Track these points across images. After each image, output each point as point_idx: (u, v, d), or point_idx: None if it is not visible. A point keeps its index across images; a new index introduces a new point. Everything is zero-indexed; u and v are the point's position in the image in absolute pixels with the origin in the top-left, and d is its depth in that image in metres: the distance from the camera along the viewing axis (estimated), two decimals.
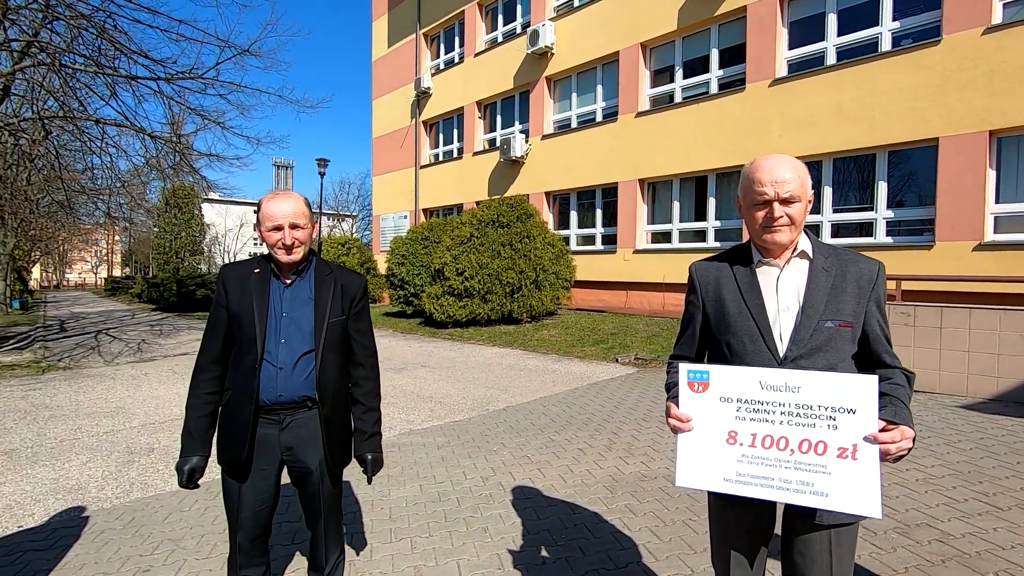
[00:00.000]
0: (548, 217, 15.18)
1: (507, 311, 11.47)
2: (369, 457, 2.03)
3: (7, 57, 10.38)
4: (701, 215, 12.11)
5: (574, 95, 14.90)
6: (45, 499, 3.84)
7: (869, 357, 1.50)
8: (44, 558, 2.99)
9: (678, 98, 12.40)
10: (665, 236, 12.79)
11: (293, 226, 1.86)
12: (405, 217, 20.83)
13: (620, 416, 5.35)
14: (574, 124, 14.82)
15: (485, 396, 6.44)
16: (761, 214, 1.48)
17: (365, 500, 3.54)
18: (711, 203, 11.83)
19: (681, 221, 12.45)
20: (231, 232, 47.61)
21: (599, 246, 14.15)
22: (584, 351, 9.04)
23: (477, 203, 16.73)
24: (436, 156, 19.96)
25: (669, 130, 12.28)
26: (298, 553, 2.92)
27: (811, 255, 1.51)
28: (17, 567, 2.91)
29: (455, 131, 19.05)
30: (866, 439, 1.29)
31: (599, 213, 14.26)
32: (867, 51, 9.49)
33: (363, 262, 19.06)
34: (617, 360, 8.18)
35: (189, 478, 1.88)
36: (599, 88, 14.22)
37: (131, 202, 15.42)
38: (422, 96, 19.77)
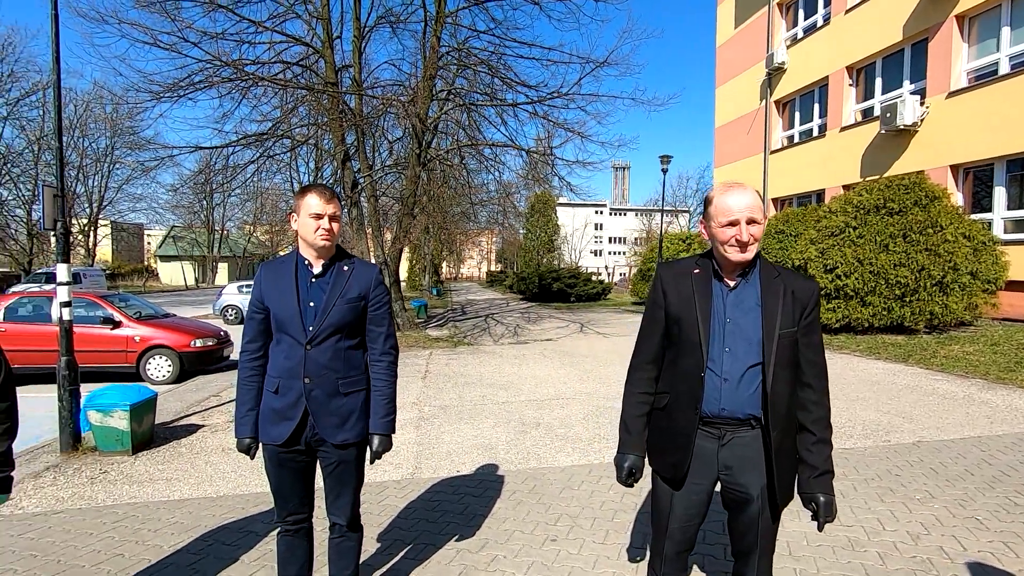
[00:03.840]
0: (955, 197, 11.69)
1: (896, 318, 9.26)
2: (822, 499, 1.68)
3: (436, 105, 13.66)
4: None
5: (1004, 30, 11.03)
6: (471, 452, 4.77)
7: None
8: (478, 504, 3.65)
9: None
10: None
11: (750, 221, 1.65)
12: None
13: None
14: (1003, 69, 10.98)
15: (880, 422, 5.24)
16: None
17: None
18: None
19: None
20: (577, 232, 53.16)
21: None
22: None
23: (845, 187, 14.18)
24: (790, 138, 17.78)
25: None
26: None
27: None
28: (461, 506, 3.62)
29: (816, 106, 16.56)
30: None
31: None
32: None
33: None
34: None
35: (628, 476, 1.86)
36: None
37: (505, 208, 18.57)
38: (774, 73, 17.85)
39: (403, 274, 43.25)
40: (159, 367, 8.35)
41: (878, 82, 14.27)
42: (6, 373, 1.94)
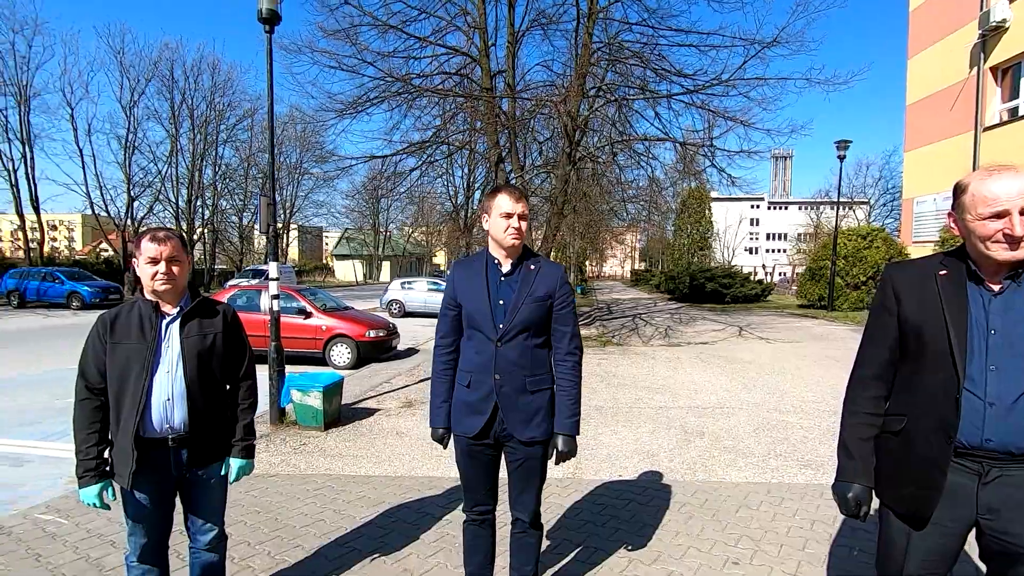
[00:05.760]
0: None
1: None
2: None
3: (586, 103, 13.57)
4: None
5: None
6: (631, 457, 4.61)
7: None
8: (645, 512, 3.50)
9: None
10: None
11: None
12: None
13: None
14: None
15: None
16: None
17: None
18: None
19: None
20: (730, 228, 49.56)
21: None
22: None
23: None
24: (1013, 111, 14.72)
25: None
26: None
27: None
28: (628, 512, 3.50)
29: None
30: None
31: None
32: None
33: (890, 257, 16.07)
34: None
35: (855, 508, 1.61)
36: None
37: (658, 204, 17.86)
38: (990, 34, 14.90)
39: None
40: (340, 354, 9.38)
41: None
42: (250, 355, 2.26)
